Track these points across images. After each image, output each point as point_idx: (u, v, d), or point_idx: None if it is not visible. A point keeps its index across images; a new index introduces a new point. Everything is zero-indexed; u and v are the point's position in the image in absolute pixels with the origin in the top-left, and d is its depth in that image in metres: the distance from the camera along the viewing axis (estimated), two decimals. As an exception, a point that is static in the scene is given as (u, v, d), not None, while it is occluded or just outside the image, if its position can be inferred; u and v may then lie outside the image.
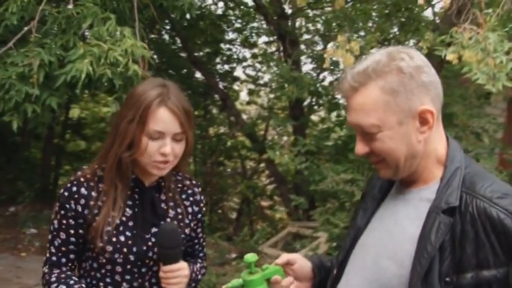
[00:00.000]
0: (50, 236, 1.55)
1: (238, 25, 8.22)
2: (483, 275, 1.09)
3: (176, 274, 1.47)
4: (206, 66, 7.87)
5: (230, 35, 8.37)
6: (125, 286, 1.52)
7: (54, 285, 1.50)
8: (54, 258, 1.54)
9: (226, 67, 8.84)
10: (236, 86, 9.49)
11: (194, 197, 1.67)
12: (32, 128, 4.33)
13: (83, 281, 1.54)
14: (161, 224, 1.54)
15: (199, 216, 1.68)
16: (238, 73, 9.11)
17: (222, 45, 8.40)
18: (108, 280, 1.52)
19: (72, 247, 1.53)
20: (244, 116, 8.86)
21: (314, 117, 8.43)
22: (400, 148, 1.17)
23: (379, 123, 1.16)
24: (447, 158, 1.22)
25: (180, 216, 1.62)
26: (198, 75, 8.47)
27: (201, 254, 1.75)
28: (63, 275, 1.52)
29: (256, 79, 9.09)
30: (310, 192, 5.99)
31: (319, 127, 8.33)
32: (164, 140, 1.45)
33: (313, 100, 7.58)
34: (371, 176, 1.49)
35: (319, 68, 7.69)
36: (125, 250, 1.50)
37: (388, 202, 1.31)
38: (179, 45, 7.78)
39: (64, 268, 1.53)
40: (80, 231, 1.51)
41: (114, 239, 1.49)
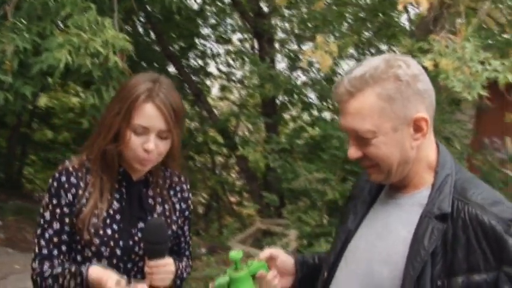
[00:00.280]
0: (39, 230, 1.51)
1: (213, 21, 8.20)
2: (474, 279, 1.13)
3: (162, 270, 1.45)
4: (179, 60, 7.81)
5: (205, 31, 8.34)
6: None
7: (47, 272, 1.47)
8: (45, 251, 1.50)
9: (199, 62, 8.82)
10: (208, 82, 9.47)
11: (182, 194, 1.67)
12: (1, 116, 4.22)
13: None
14: (148, 219, 1.54)
15: (186, 213, 1.68)
16: (211, 69, 9.11)
17: (197, 40, 8.35)
18: None
19: (65, 237, 1.50)
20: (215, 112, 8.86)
21: (285, 115, 8.51)
22: (394, 154, 1.20)
23: (374, 129, 1.19)
24: (438, 164, 1.25)
25: (168, 212, 1.61)
26: (171, 69, 8.42)
27: (187, 253, 1.74)
28: (55, 263, 1.49)
29: (229, 75, 9.09)
30: (281, 189, 6.04)
31: (290, 126, 8.42)
32: (148, 136, 1.44)
33: (285, 98, 7.64)
34: (357, 179, 1.52)
35: (293, 67, 7.75)
36: (112, 244, 1.49)
37: (379, 206, 1.34)
38: (153, 38, 7.70)
39: (56, 261, 1.50)
40: (74, 220, 1.49)
41: (101, 232, 1.48)
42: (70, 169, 1.51)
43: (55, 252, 1.50)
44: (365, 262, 1.26)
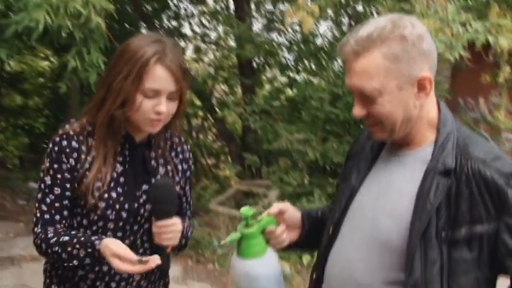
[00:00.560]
0: (40, 195, 1.49)
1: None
2: (476, 230, 1.19)
3: (170, 229, 1.46)
4: (153, 21, 7.64)
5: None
6: None
7: (53, 239, 1.45)
8: (47, 216, 1.48)
9: (173, 24, 8.64)
10: (183, 43, 9.31)
11: (183, 155, 1.68)
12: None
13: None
14: (153, 180, 1.55)
15: (187, 174, 1.70)
16: (185, 30, 8.94)
17: (170, 1, 8.16)
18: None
19: (66, 202, 1.49)
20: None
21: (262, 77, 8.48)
22: (398, 112, 1.23)
23: (380, 88, 1.21)
24: (439, 122, 1.29)
25: (170, 173, 1.62)
26: (144, 31, 8.22)
27: (188, 213, 1.76)
28: (60, 230, 1.48)
29: (203, 36, 8.94)
30: (260, 151, 6.10)
31: (266, 88, 8.41)
32: (160, 99, 1.43)
33: (261, 60, 7.60)
34: (357, 137, 1.55)
35: (269, 28, 7.68)
36: (117, 207, 1.49)
37: (381, 163, 1.38)
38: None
39: (58, 226, 1.49)
40: (75, 185, 1.48)
41: (106, 196, 1.48)
42: (71, 133, 1.49)
43: (57, 217, 1.49)
44: (370, 217, 1.31)
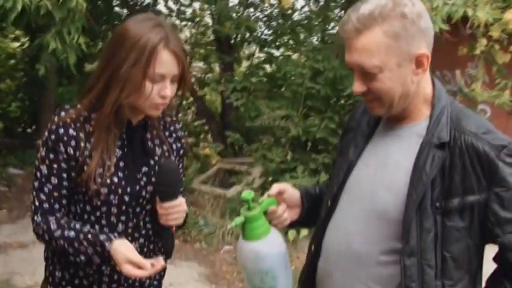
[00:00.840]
0: (37, 183, 1.48)
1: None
2: (468, 200, 1.26)
3: (176, 210, 1.49)
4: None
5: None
6: (120, 227, 1.52)
7: (57, 232, 1.46)
8: (46, 205, 1.48)
9: (148, 0, 8.47)
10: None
11: (177, 134, 1.69)
12: None
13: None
14: (158, 162, 1.56)
15: (181, 152, 1.71)
16: (159, 7, 8.78)
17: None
18: (103, 222, 1.51)
19: (64, 192, 1.49)
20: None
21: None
22: (397, 88, 1.28)
23: (380, 64, 1.25)
24: (434, 97, 1.34)
25: (166, 153, 1.63)
26: (117, 8, 8.05)
27: (182, 189, 1.79)
28: (62, 221, 1.48)
29: (179, 14, 8.80)
30: (240, 128, 6.12)
31: (243, 64, 8.37)
32: (164, 83, 1.43)
33: (238, 36, 7.54)
34: (352, 113, 1.58)
35: (246, 4, 7.61)
36: (120, 191, 1.50)
37: (378, 137, 1.42)
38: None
39: (58, 214, 1.49)
40: (73, 174, 1.48)
41: (108, 181, 1.48)
42: (68, 120, 1.46)
43: (56, 206, 1.49)
44: (368, 189, 1.36)
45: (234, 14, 5.67)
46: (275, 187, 1.50)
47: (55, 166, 1.46)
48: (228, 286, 4.14)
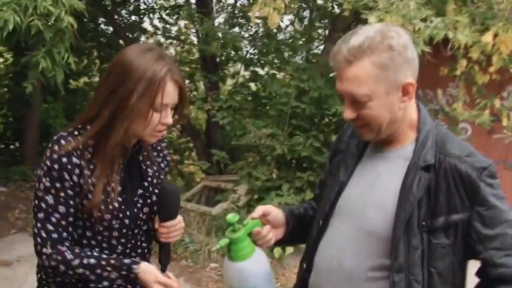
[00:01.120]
0: (42, 214, 1.47)
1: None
2: (452, 218, 1.33)
3: (177, 227, 1.58)
4: (112, 15, 7.53)
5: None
6: (120, 248, 1.56)
7: (76, 261, 1.46)
8: (54, 235, 1.47)
9: (133, 18, 8.52)
10: (143, 38, 9.20)
11: (163, 153, 1.73)
12: None
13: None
14: (151, 183, 1.60)
15: (167, 169, 1.75)
16: (145, 25, 8.84)
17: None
18: (104, 245, 1.54)
19: (71, 219, 1.49)
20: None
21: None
22: (385, 115, 1.35)
23: (370, 93, 1.32)
24: (419, 122, 1.42)
25: (157, 173, 1.67)
26: (102, 26, 8.09)
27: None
28: (76, 250, 1.49)
29: (165, 31, 8.87)
30: (226, 146, 6.16)
31: (228, 83, 8.45)
32: (166, 111, 1.47)
33: (223, 54, 7.62)
34: (339, 135, 1.64)
35: (231, 23, 7.71)
36: (121, 215, 1.53)
37: (367, 159, 1.49)
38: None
39: (67, 243, 1.49)
40: (77, 200, 1.48)
41: (110, 207, 1.50)
42: (70, 149, 1.46)
43: (64, 234, 1.49)
44: (358, 209, 1.42)
45: (220, 34, 5.73)
46: (259, 209, 1.55)
47: (62, 195, 1.46)
48: (214, 304, 4.14)
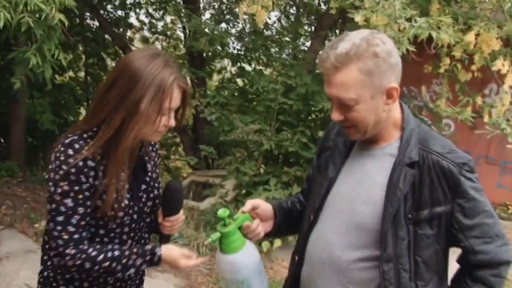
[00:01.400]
0: (63, 218, 1.50)
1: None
2: (436, 211, 1.43)
3: (180, 221, 1.71)
4: (98, 10, 7.50)
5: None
6: (129, 242, 1.64)
7: (100, 256, 1.52)
8: (76, 236, 1.52)
9: (119, 13, 8.50)
10: (129, 33, 9.18)
11: (155, 147, 1.80)
12: None
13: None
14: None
15: (157, 162, 1.83)
16: (132, 20, 8.82)
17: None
18: (116, 241, 1.61)
19: (88, 219, 1.54)
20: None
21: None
22: (370, 117, 1.44)
23: (356, 97, 1.40)
24: (403, 121, 1.51)
25: (154, 167, 1.75)
26: (88, 20, 8.06)
27: None
28: (97, 246, 1.54)
29: (151, 26, 8.86)
30: (213, 142, 6.21)
31: (214, 78, 8.48)
32: (170, 114, 1.55)
33: (210, 51, 7.65)
34: (326, 133, 1.73)
35: (218, 19, 7.74)
36: (130, 211, 1.60)
37: (355, 157, 1.57)
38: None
39: (86, 242, 1.54)
40: (92, 201, 1.53)
41: (122, 205, 1.57)
42: (84, 152, 1.50)
43: (84, 234, 1.54)
44: (347, 204, 1.51)
45: (207, 30, 5.77)
46: (249, 203, 1.62)
47: (80, 197, 1.51)
48: (203, 297, 4.21)
